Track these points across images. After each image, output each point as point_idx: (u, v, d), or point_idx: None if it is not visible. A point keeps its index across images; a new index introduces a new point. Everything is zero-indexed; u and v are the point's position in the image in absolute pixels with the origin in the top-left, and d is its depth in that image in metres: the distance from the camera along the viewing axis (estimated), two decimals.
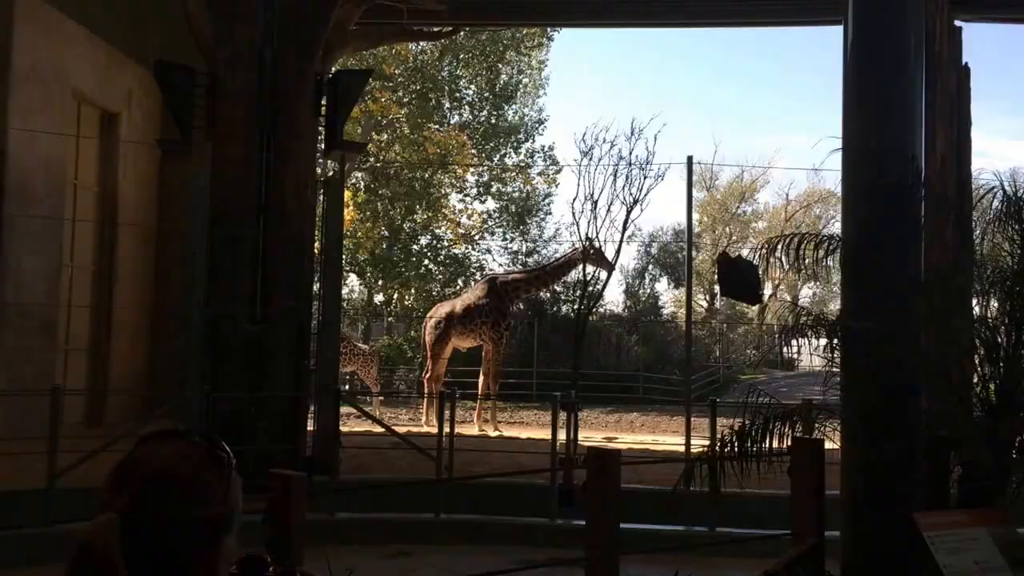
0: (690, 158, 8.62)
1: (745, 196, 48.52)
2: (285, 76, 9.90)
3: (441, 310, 17.95)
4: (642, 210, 12.36)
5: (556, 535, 8.17)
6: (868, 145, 4.46)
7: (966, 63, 10.66)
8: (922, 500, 4.28)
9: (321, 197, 10.54)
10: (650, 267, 40.73)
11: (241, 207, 9.74)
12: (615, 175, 12.75)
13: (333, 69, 11.57)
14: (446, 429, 8.73)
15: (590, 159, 14.27)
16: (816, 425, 4.55)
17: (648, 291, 39.89)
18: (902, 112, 4.53)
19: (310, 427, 10.22)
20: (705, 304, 44.43)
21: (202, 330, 9.32)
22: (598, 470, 3.58)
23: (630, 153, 12.69)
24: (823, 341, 4.75)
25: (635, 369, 29.00)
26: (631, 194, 12.31)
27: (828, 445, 4.38)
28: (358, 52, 19.14)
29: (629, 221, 12.43)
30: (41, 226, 13.48)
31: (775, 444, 4.44)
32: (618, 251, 13.54)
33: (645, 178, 12.18)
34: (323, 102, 10.25)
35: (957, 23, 10.90)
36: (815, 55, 64.32)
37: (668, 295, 40.90)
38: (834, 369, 4.57)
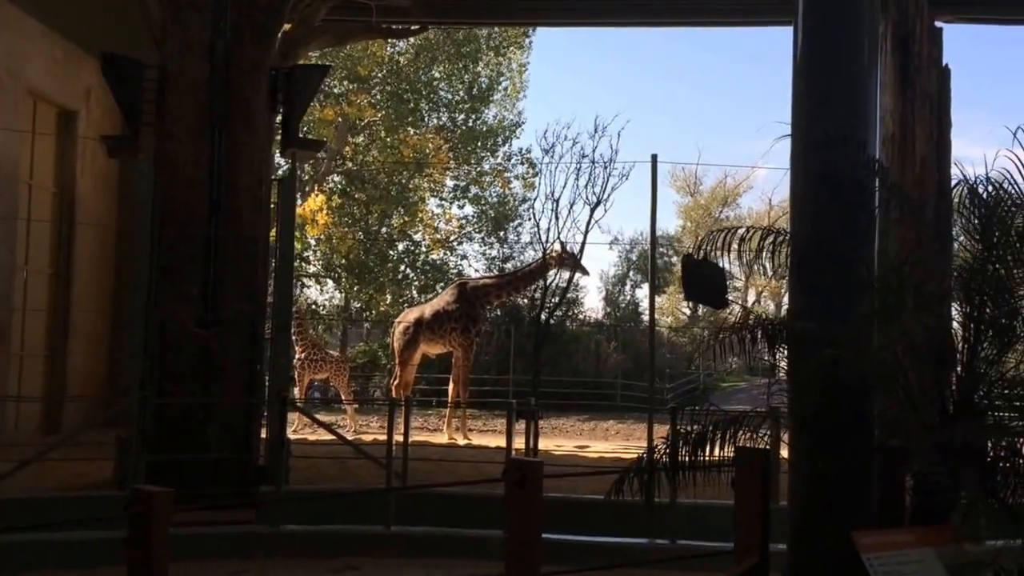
0: (654, 156, 8.34)
1: (728, 200, 48.39)
2: (238, 69, 9.56)
3: (410, 316, 17.60)
4: (605, 210, 12.00)
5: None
6: (817, 132, 4.17)
7: (946, 64, 10.48)
8: (876, 516, 3.98)
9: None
10: (631, 273, 40.55)
11: (191, 205, 9.38)
12: (578, 173, 12.38)
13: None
14: (399, 438, 8.36)
15: (551, 157, 13.94)
16: (768, 434, 4.24)
17: (628, 297, 39.72)
18: (852, 98, 4.25)
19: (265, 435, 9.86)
20: (688, 311, 44.23)
21: (142, 333, 8.94)
22: (518, 483, 3.26)
23: (593, 151, 12.33)
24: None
25: (613, 376, 28.74)
26: (594, 193, 11.94)
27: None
28: (324, 49, 18.81)
29: (592, 221, 12.04)
30: None
31: (723, 453, 4.13)
32: (581, 251, 13.15)
33: (609, 177, 11.80)
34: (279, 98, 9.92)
35: (938, 24, 10.73)
36: None
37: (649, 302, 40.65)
38: (782, 376, 4.27)
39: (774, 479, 4.62)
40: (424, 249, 31.95)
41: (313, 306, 33.24)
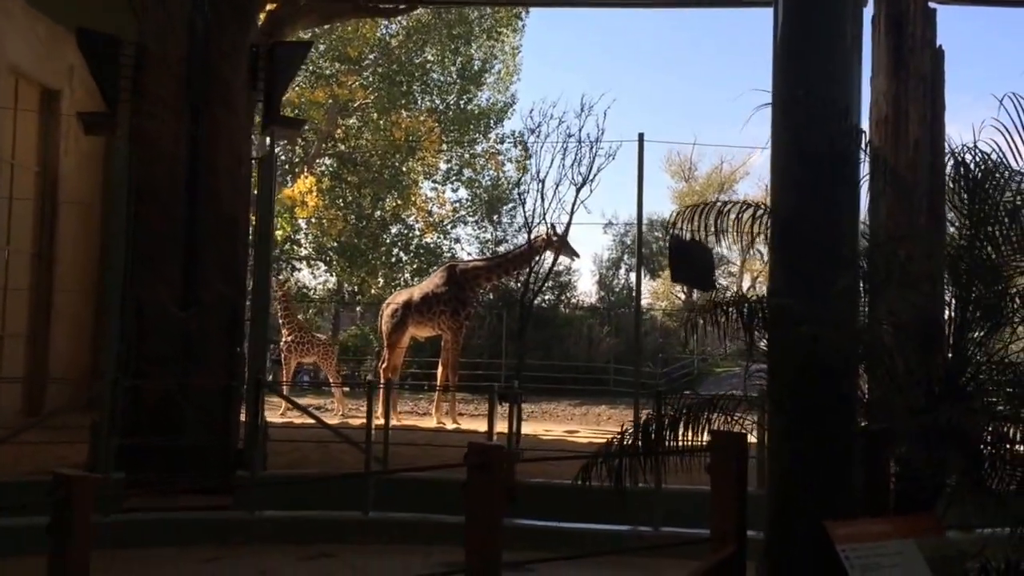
0: (641, 135, 8.18)
1: (724, 187, 48.16)
2: (218, 47, 9.36)
3: (399, 298, 17.42)
4: (591, 190, 11.77)
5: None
6: (796, 96, 3.97)
7: (940, 45, 10.31)
8: (858, 502, 3.82)
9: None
10: (625, 257, 40.33)
11: (169, 184, 9.20)
12: (564, 153, 12.16)
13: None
14: (379, 421, 8.20)
15: (538, 136, 13.73)
16: (742, 418, 4.06)
17: (623, 281, 39.52)
18: (833, 62, 4.05)
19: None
20: (683, 295, 44.09)
21: (120, 315, 8.77)
22: (479, 466, 3.10)
23: (580, 130, 12.08)
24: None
25: (606, 361, 28.58)
26: (580, 173, 11.71)
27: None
28: (311, 28, 18.53)
29: (579, 201, 11.81)
30: None
31: (699, 438, 3.97)
32: (566, 231, 12.92)
33: (595, 156, 11.57)
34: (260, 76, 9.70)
35: (932, 5, 10.55)
36: None
37: (643, 286, 40.45)
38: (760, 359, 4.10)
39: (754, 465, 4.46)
40: (417, 233, 31.74)
41: (304, 289, 33.08)
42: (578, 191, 11.80)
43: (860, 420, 4.03)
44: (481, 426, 15.80)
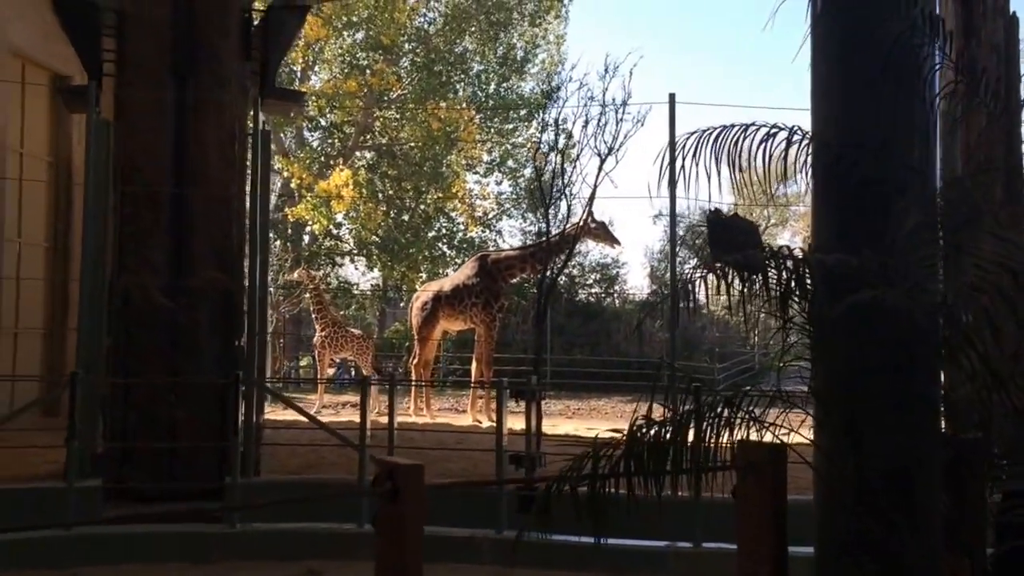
0: (672, 95, 7.14)
1: (785, 176, 46.35)
2: (205, 11, 8.53)
3: (429, 290, 16.55)
4: (617, 161, 10.59)
5: (504, 550, 6.73)
6: None
7: (1014, 12, 9.14)
8: (941, 539, 2.75)
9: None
10: (678, 249, 39.03)
11: (153, 161, 8.40)
12: (586, 119, 11.03)
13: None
14: (378, 420, 7.27)
15: (554, 101, 12.63)
16: (784, 420, 2.99)
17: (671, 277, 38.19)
18: None
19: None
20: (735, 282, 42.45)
21: (98, 304, 7.99)
22: (389, 495, 2.13)
23: (603, 93, 10.93)
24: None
25: (658, 356, 27.44)
26: (604, 142, 10.57)
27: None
28: (326, 3, 17.70)
29: (602, 173, 10.66)
30: None
31: (723, 446, 2.94)
32: (589, 208, 11.80)
33: (621, 122, 10.43)
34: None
35: None
36: None
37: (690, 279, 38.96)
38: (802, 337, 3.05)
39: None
40: (460, 227, 30.90)
41: (346, 285, 32.47)
42: (602, 162, 10.65)
43: (943, 426, 2.96)
44: (518, 423, 14.88)
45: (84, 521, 6.87)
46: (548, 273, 12.08)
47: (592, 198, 10.51)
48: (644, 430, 2.91)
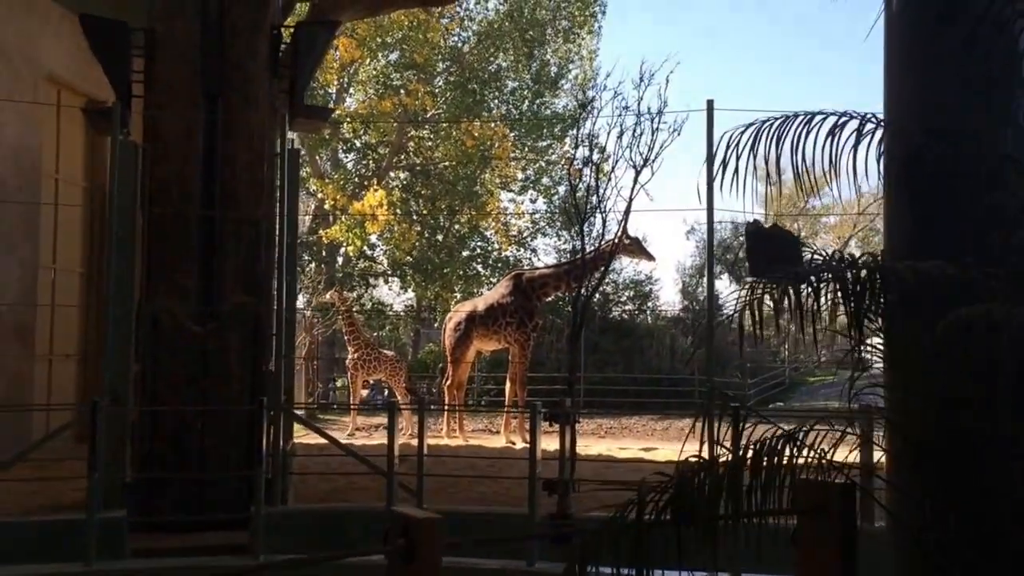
0: (710, 102, 6.86)
1: (814, 190, 45.76)
2: (235, 30, 8.42)
3: (462, 310, 16.34)
4: (653, 172, 10.23)
5: None
6: None
7: None
8: None
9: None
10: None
11: (183, 184, 8.28)
12: (620, 130, 10.71)
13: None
14: (409, 443, 7.03)
15: (589, 112, 12.34)
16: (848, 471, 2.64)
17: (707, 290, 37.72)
18: None
19: None
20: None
21: (128, 330, 7.86)
22: (404, 554, 1.88)
23: (638, 103, 10.58)
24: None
25: (690, 373, 27.02)
26: (639, 153, 10.24)
27: None
28: (356, 22, 17.66)
29: (638, 185, 10.31)
30: (12, 225, 12.31)
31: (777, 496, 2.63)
32: (625, 220, 11.48)
33: (656, 131, 10.10)
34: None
35: None
36: None
37: (728, 291, 38.43)
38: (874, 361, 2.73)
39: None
40: (496, 246, 30.75)
41: (380, 306, 32.41)
42: (637, 174, 10.33)
43: None
44: (553, 444, 14.56)
45: (126, 552, 6.68)
46: (583, 291, 11.74)
47: (627, 212, 10.18)
48: (693, 473, 2.62)
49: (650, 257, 15.97)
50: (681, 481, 2.64)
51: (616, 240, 13.90)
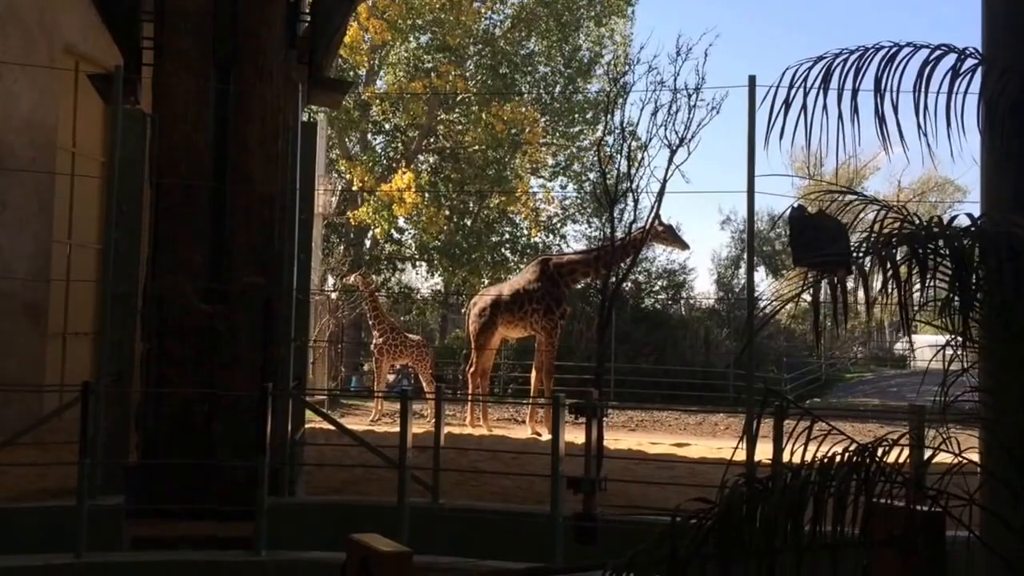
0: (752, 78, 6.32)
1: (853, 183, 44.95)
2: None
3: (486, 296, 15.88)
4: (689, 152, 9.64)
5: None
6: None
7: None
8: None
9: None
10: (745, 255, 37.81)
11: (192, 157, 7.86)
12: (655, 107, 10.14)
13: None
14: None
15: (620, 89, 11.78)
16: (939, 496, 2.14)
17: (744, 281, 37.02)
18: None
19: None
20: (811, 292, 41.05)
21: (130, 308, 7.48)
22: None
23: (675, 78, 9.99)
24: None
25: (725, 365, 26.42)
26: (675, 131, 9.67)
27: None
28: (387, 4, 17.21)
29: (673, 166, 9.72)
30: (25, 198, 12.03)
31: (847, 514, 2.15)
32: (658, 204, 10.86)
33: (692, 109, 9.53)
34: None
35: None
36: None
37: (766, 285, 37.70)
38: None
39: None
40: (524, 232, 30.28)
41: (407, 290, 32.10)
42: (673, 153, 9.75)
43: None
44: (578, 436, 14.08)
45: (125, 541, 6.32)
46: (613, 278, 11.20)
47: (661, 194, 9.59)
48: (742, 497, 2.13)
49: (684, 245, 15.41)
50: (726, 503, 2.15)
51: (648, 226, 13.35)
